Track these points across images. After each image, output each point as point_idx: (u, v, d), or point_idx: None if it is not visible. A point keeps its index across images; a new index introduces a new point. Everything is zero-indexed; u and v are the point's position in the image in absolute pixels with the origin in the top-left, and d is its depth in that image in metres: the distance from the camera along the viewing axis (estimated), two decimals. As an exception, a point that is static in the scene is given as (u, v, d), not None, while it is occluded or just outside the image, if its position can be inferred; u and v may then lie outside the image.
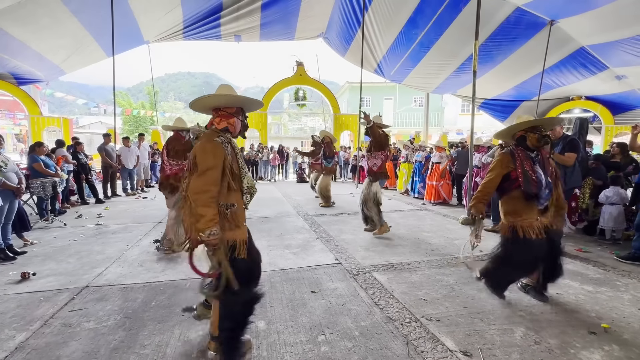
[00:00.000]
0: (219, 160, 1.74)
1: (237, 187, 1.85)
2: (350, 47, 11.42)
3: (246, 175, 1.93)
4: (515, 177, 2.47)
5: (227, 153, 1.80)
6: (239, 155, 1.94)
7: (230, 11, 9.53)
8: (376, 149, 4.63)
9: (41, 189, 5.07)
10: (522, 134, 2.56)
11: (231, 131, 1.96)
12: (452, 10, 8.20)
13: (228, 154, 1.80)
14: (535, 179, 2.41)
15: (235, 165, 1.85)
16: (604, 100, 11.06)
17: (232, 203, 1.83)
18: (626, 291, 2.87)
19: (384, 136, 4.63)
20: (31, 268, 3.31)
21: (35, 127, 11.27)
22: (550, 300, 2.66)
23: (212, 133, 1.86)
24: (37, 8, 7.24)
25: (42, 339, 2.14)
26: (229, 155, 1.81)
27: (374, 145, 4.64)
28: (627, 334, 2.20)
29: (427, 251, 3.97)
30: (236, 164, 1.86)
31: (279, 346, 2.06)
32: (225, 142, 1.83)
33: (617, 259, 3.67)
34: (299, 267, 3.41)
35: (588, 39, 7.95)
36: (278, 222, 5.48)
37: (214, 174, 1.72)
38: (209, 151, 1.74)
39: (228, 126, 1.94)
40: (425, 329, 2.25)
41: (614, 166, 5.03)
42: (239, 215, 1.87)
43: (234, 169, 1.83)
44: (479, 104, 12.35)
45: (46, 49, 8.90)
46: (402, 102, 23.85)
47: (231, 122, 1.95)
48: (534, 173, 2.43)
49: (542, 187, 2.41)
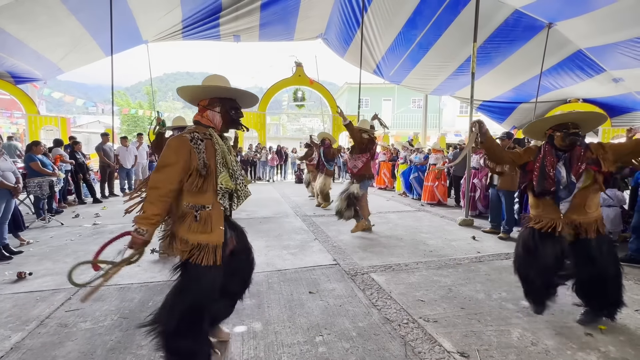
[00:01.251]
0: (179, 157, 1.62)
1: (208, 188, 1.68)
2: (350, 48, 11.44)
3: (223, 175, 1.72)
4: (531, 169, 2.37)
5: (197, 150, 1.66)
6: (220, 152, 1.75)
7: (229, 11, 9.53)
8: (357, 152, 4.63)
9: (38, 188, 5.05)
10: (550, 132, 2.36)
11: (208, 125, 1.80)
12: (450, 12, 8.23)
13: (199, 151, 1.66)
14: (552, 175, 2.26)
15: (211, 162, 1.70)
16: (601, 103, 11.12)
17: (203, 205, 1.68)
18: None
19: (367, 140, 4.59)
20: (27, 268, 3.29)
21: (32, 126, 11.21)
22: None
23: (194, 128, 1.77)
24: (35, 6, 7.20)
25: (38, 339, 2.12)
26: (201, 152, 1.66)
27: (354, 147, 4.65)
28: (623, 336, 2.21)
29: (425, 252, 3.97)
30: (213, 162, 1.70)
31: (277, 347, 2.06)
32: (199, 138, 1.69)
33: (614, 261, 3.69)
34: (297, 268, 3.41)
35: (585, 41, 7.99)
36: (276, 222, 5.48)
37: (170, 171, 1.62)
38: (171, 147, 1.65)
39: (201, 120, 1.81)
40: (423, 330, 2.25)
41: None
42: (213, 219, 1.69)
43: (209, 168, 1.68)
44: (477, 106, 12.38)
45: (44, 48, 8.85)
46: (401, 104, 23.92)
47: (205, 115, 1.81)
48: (553, 169, 2.28)
49: (559, 185, 2.24)
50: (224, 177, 1.73)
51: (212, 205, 1.70)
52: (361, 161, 4.59)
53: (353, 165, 4.63)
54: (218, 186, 1.71)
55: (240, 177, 1.86)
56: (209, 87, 1.78)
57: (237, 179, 1.82)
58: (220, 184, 1.71)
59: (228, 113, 1.83)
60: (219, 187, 1.71)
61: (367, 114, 4.91)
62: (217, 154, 1.73)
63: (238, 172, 1.85)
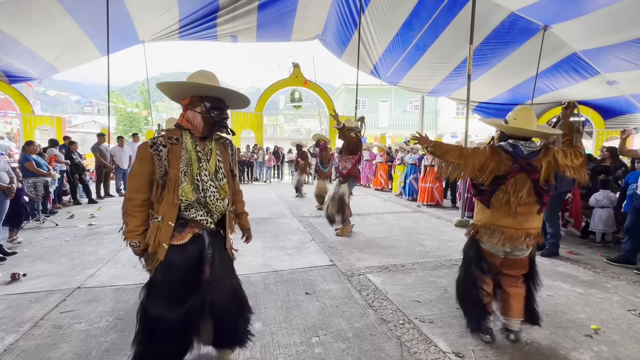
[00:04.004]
0: (142, 165, 1.56)
1: (168, 198, 1.56)
2: (347, 49, 11.47)
3: (183, 186, 1.56)
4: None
5: (158, 157, 1.56)
6: (185, 159, 1.59)
7: (226, 11, 9.51)
8: (347, 152, 4.67)
9: (32, 188, 5.01)
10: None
11: (187, 128, 1.65)
12: (447, 14, 8.28)
13: (160, 158, 1.56)
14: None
15: (173, 170, 1.56)
16: (595, 105, 11.25)
17: (155, 214, 1.58)
18: (615, 293, 2.92)
19: (356, 140, 4.65)
20: (21, 269, 3.26)
21: (27, 125, 11.11)
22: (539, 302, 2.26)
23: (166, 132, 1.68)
24: (30, 5, 7.15)
25: (32, 340, 2.11)
26: (162, 159, 1.56)
27: (345, 149, 4.69)
28: (616, 335, 2.24)
29: (422, 253, 3.99)
30: (176, 170, 1.56)
31: (273, 348, 2.06)
32: (161, 143, 1.58)
33: (607, 262, 3.74)
34: (294, 269, 3.41)
35: (580, 44, 8.08)
36: (273, 223, 5.47)
37: (137, 180, 1.58)
38: (137, 155, 1.60)
39: (181, 122, 1.67)
40: (419, 331, 2.27)
41: (604, 170, 5.11)
42: (162, 232, 1.55)
43: (169, 176, 1.56)
44: (474, 107, 12.46)
45: (39, 47, 8.79)
46: (398, 105, 23.99)
47: (185, 117, 1.66)
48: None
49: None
50: (185, 187, 1.57)
51: (163, 217, 1.56)
52: (350, 162, 4.65)
53: (343, 166, 4.69)
54: (177, 198, 1.57)
55: (212, 188, 1.64)
56: (187, 84, 1.61)
57: (205, 190, 1.62)
58: (180, 195, 1.57)
59: (209, 113, 1.64)
60: (179, 199, 1.57)
61: (365, 115, 4.92)
62: (182, 162, 1.58)
63: (209, 184, 1.63)
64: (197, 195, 1.61)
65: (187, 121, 1.66)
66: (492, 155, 2.04)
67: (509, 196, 2.00)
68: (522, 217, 2.02)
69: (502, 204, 2.03)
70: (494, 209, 2.07)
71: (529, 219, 2.03)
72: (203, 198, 1.62)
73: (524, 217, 2.02)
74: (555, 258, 3.86)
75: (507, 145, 2.07)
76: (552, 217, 3.93)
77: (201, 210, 1.64)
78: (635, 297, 2.83)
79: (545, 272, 3.40)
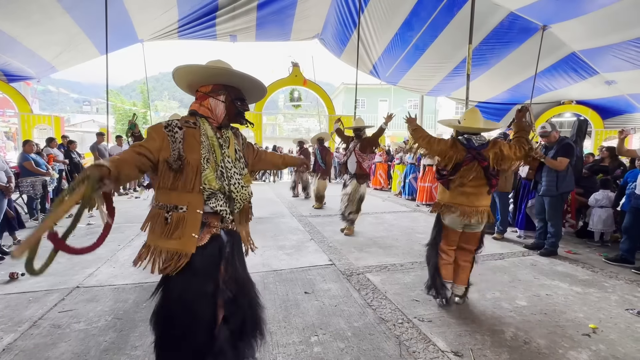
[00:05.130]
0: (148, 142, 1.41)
1: (187, 186, 1.43)
2: (346, 48, 11.46)
3: (206, 173, 1.45)
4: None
5: (172, 139, 1.42)
6: (207, 145, 1.48)
7: (226, 11, 9.49)
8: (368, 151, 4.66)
9: (31, 188, 5.00)
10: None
11: (205, 115, 1.55)
12: (446, 13, 8.28)
13: (174, 140, 1.42)
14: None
15: (192, 156, 1.44)
16: (594, 105, 11.27)
17: (176, 205, 1.43)
18: (613, 292, 2.93)
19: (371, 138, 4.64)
20: (20, 268, 3.24)
21: (25, 124, 11.07)
22: (537, 301, 2.68)
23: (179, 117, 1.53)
24: (29, 3, 7.12)
25: (30, 340, 2.10)
26: (176, 142, 1.42)
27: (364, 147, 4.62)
28: (614, 334, 2.25)
29: (421, 252, 3.97)
30: (195, 155, 1.44)
31: (272, 347, 2.06)
32: (176, 125, 1.45)
33: (605, 261, 3.75)
34: (293, 268, 3.41)
35: (579, 44, 8.09)
36: (272, 222, 5.47)
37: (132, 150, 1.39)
38: (147, 133, 1.47)
39: (198, 109, 1.56)
40: (418, 330, 2.27)
41: (603, 169, 5.13)
42: (188, 222, 1.42)
43: (188, 161, 1.43)
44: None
45: (37, 46, 8.75)
46: (397, 104, 24.01)
47: (205, 104, 1.56)
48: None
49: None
50: (208, 174, 1.46)
51: (188, 206, 1.44)
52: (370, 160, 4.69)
53: (367, 165, 4.68)
54: (201, 185, 1.45)
55: (237, 176, 1.57)
56: (217, 68, 1.51)
57: (229, 178, 1.53)
58: (203, 183, 1.45)
59: (234, 103, 1.58)
60: (202, 187, 1.45)
61: (364, 114, 4.94)
62: (202, 147, 1.47)
63: (233, 171, 1.55)
64: (222, 182, 1.50)
65: (206, 109, 1.56)
66: (452, 146, 2.50)
67: (463, 179, 2.45)
68: (473, 197, 2.46)
69: (457, 186, 2.48)
70: (451, 190, 2.52)
71: (479, 198, 2.47)
72: (227, 186, 1.52)
73: (474, 197, 2.46)
74: (554, 257, 3.87)
75: (463, 139, 2.52)
76: (555, 217, 3.94)
77: (221, 200, 1.51)
78: (633, 296, 2.84)
79: (544, 272, 3.41)
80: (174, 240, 1.41)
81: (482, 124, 2.54)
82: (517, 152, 2.44)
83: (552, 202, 3.92)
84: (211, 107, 1.56)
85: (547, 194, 3.93)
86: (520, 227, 4.88)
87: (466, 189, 2.45)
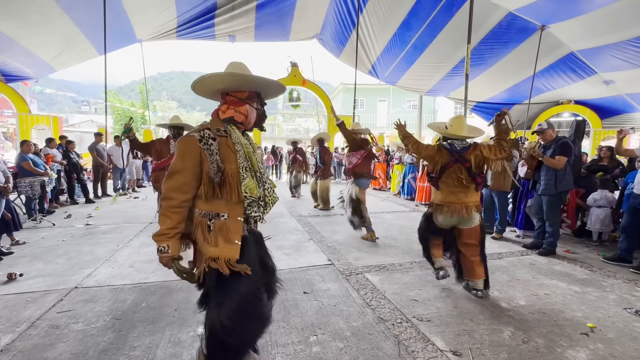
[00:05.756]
0: (187, 162, 1.42)
1: (227, 196, 1.45)
2: (345, 49, 11.47)
3: (247, 181, 1.47)
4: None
5: (209, 152, 1.43)
6: (243, 153, 1.49)
7: (224, 11, 9.48)
8: (351, 149, 4.67)
9: (29, 188, 4.99)
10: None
11: (240, 121, 1.58)
12: (445, 13, 8.29)
13: (211, 152, 1.43)
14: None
15: (230, 166, 1.45)
16: (593, 105, 11.30)
17: (218, 213, 1.47)
18: (612, 291, 2.94)
19: (360, 139, 4.65)
20: (18, 269, 3.24)
21: (23, 125, 11.04)
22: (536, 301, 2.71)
23: (200, 126, 1.52)
24: (27, 4, 7.11)
25: (28, 341, 2.10)
26: (213, 154, 1.43)
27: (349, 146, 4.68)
28: (612, 333, 2.25)
29: (419, 252, 3.96)
30: (232, 165, 1.45)
31: (271, 347, 2.06)
32: (210, 137, 1.45)
33: (604, 260, 3.76)
34: (292, 268, 3.41)
35: (577, 44, 8.11)
36: (271, 222, 5.46)
37: (180, 179, 1.42)
38: (179, 151, 1.45)
39: (235, 115, 1.56)
40: (416, 329, 2.27)
41: (602, 169, 5.14)
42: (231, 229, 1.46)
43: (227, 172, 1.44)
44: (472, 107, 12.50)
45: (36, 46, 8.73)
46: (396, 104, 24.03)
47: (241, 111, 1.57)
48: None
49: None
50: (249, 183, 1.47)
51: (229, 213, 1.47)
52: (356, 157, 4.59)
53: (349, 161, 4.65)
54: (242, 194, 1.45)
55: (268, 180, 1.62)
56: (259, 78, 1.52)
57: (264, 183, 1.57)
58: (244, 192, 1.45)
59: (262, 110, 1.64)
60: (243, 196, 1.46)
61: (363, 114, 4.93)
62: (239, 156, 1.47)
63: (265, 176, 1.60)
64: (261, 189, 1.54)
65: (242, 115, 1.59)
66: (437, 151, 2.77)
67: (449, 180, 2.71)
68: (461, 195, 2.70)
69: (446, 186, 2.73)
70: (441, 190, 2.77)
71: (467, 195, 2.70)
72: (263, 192, 1.55)
73: (462, 194, 2.70)
74: (552, 257, 3.88)
75: (446, 144, 2.79)
76: (553, 217, 3.95)
77: (256, 206, 1.53)
78: (631, 296, 2.85)
79: (542, 271, 3.42)
80: (217, 248, 1.45)
81: (466, 132, 2.75)
82: (497, 153, 2.65)
83: (550, 201, 3.93)
84: (245, 113, 1.60)
85: (546, 192, 3.94)
86: (519, 227, 4.89)
87: (454, 189, 2.70)
